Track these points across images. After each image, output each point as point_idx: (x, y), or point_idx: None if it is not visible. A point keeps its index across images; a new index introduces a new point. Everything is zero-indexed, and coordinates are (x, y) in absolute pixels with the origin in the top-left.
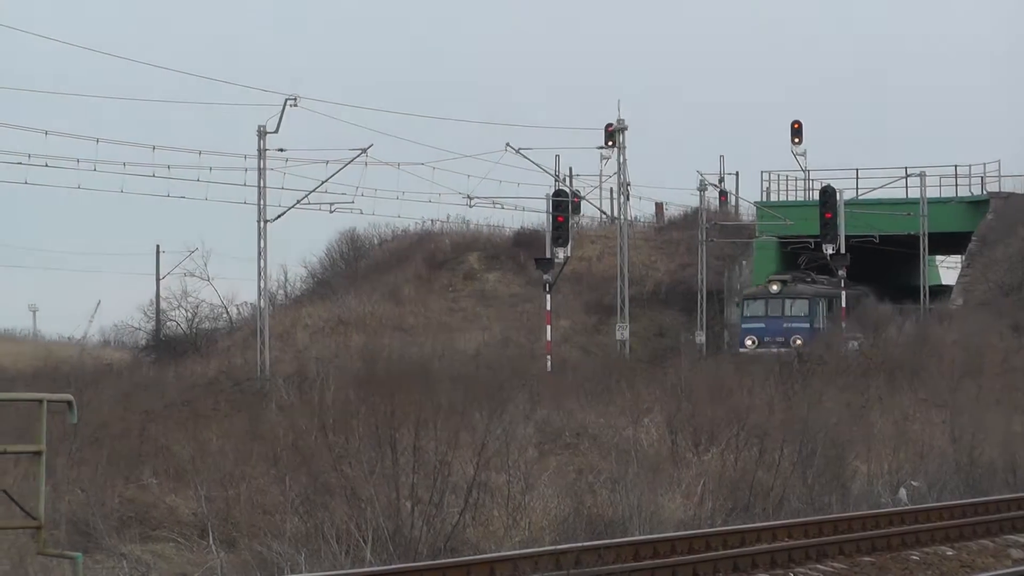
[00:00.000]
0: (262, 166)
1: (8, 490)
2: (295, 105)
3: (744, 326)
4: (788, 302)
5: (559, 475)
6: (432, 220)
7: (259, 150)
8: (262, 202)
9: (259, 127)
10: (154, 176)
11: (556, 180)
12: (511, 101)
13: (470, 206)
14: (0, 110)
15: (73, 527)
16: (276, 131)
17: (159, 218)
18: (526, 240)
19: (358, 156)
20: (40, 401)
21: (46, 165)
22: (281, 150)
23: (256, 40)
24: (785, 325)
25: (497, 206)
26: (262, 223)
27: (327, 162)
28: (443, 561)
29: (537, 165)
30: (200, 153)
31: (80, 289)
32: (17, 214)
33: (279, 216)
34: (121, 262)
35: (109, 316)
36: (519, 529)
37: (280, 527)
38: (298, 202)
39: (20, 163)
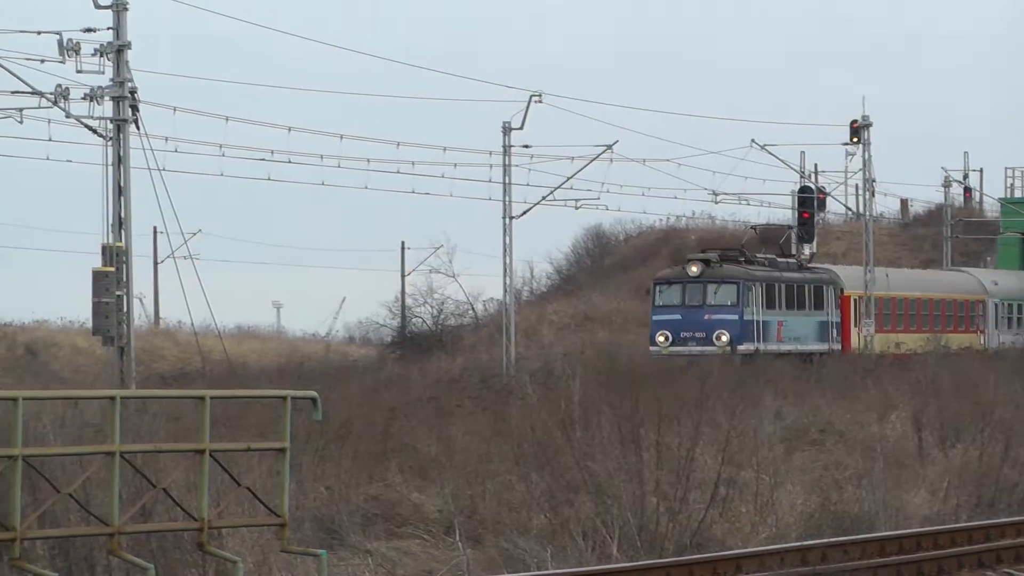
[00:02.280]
0: (507, 163)
1: (252, 487)
2: (540, 101)
3: (655, 318)
4: (711, 288)
5: (805, 471)
6: (677, 216)
7: (504, 147)
8: (507, 199)
9: (504, 123)
10: (398, 172)
11: (801, 176)
12: (755, 97)
13: (715, 202)
14: (245, 107)
15: (318, 524)
16: (521, 127)
17: (403, 214)
18: (771, 236)
19: (603, 152)
20: (284, 398)
21: (289, 161)
22: (526, 146)
23: (500, 36)
24: (707, 317)
25: (742, 202)
26: (507, 220)
27: (572, 158)
28: (689, 557)
29: (782, 161)
30: (444, 150)
31: (324, 286)
32: (261, 211)
33: (524, 213)
34: (365, 259)
35: (353, 313)
36: (766, 526)
37: (526, 523)
38: (543, 199)
39: (264, 159)
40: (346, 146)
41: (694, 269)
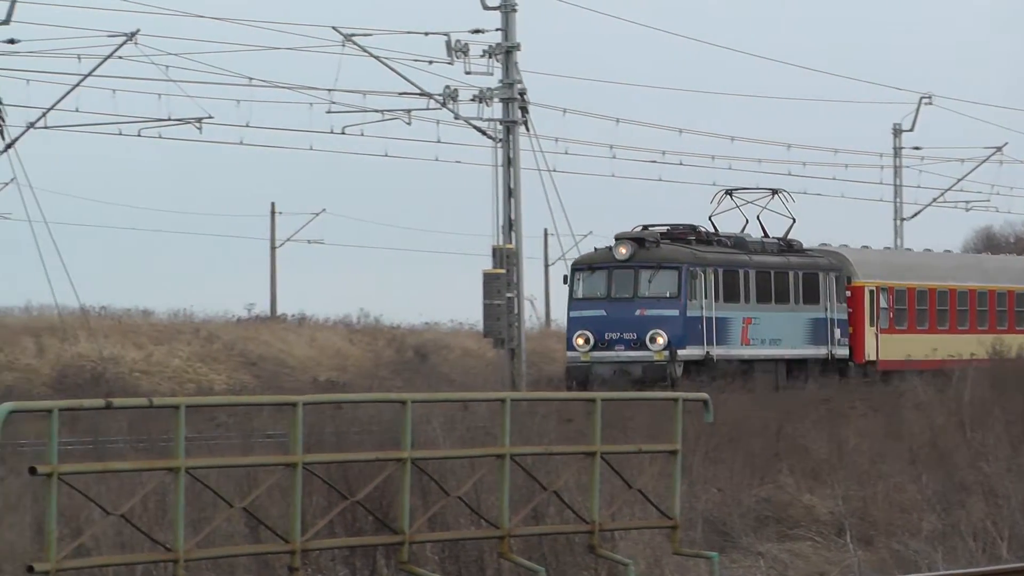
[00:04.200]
0: (897, 164)
1: (643, 490)
2: (929, 103)
3: (572, 315)
4: (644, 275)
5: None
6: None
7: (894, 148)
8: (898, 200)
9: (894, 125)
10: (789, 175)
11: None
12: None
13: None
14: (635, 108)
15: (709, 526)
16: (911, 129)
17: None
18: None
19: (993, 154)
20: (675, 400)
21: (681, 163)
22: (916, 148)
23: (890, 38)
24: (638, 312)
25: None
26: (898, 221)
27: (962, 160)
28: None
29: None
30: (835, 151)
31: None
32: (651, 212)
33: (915, 214)
34: None
35: None
36: None
37: (916, 525)
38: (934, 200)
39: (654, 161)
40: (737, 147)
41: (622, 251)
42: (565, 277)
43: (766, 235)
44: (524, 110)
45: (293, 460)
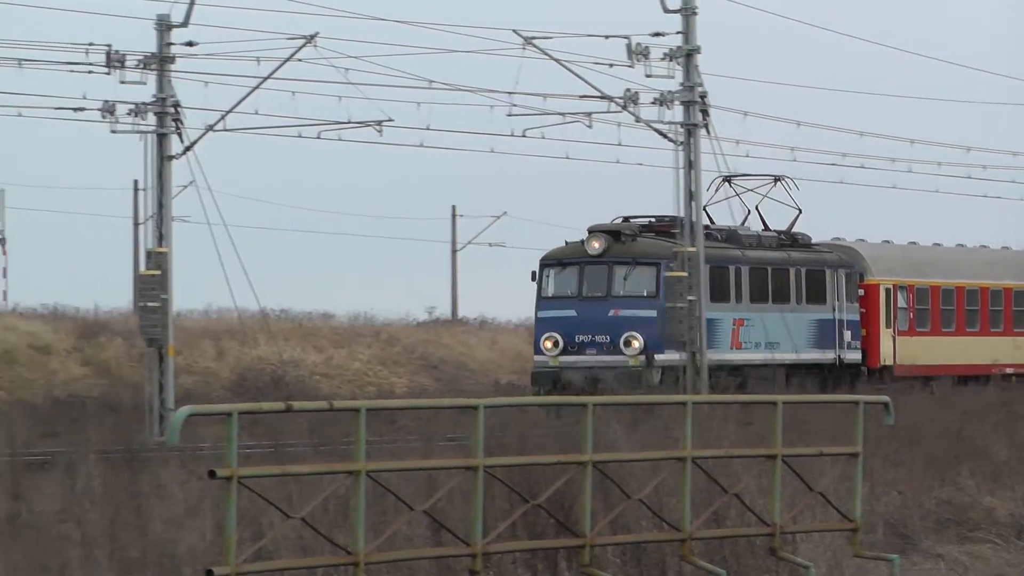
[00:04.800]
0: None
1: (825, 492)
2: None
3: (540, 315)
4: (619, 271)
5: None
6: None
7: None
8: None
9: None
10: (969, 178)
11: None
12: None
13: None
14: (816, 110)
15: (890, 529)
16: None
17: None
18: None
19: None
20: (856, 403)
21: (862, 166)
22: None
23: None
24: (612, 313)
25: None
26: None
27: None
28: None
29: None
30: (1014, 154)
31: None
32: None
33: None
34: None
35: None
36: None
37: None
38: None
39: (834, 164)
40: (917, 150)
41: (595, 245)
42: (533, 273)
43: (766, 227)
44: (704, 113)
45: (474, 463)
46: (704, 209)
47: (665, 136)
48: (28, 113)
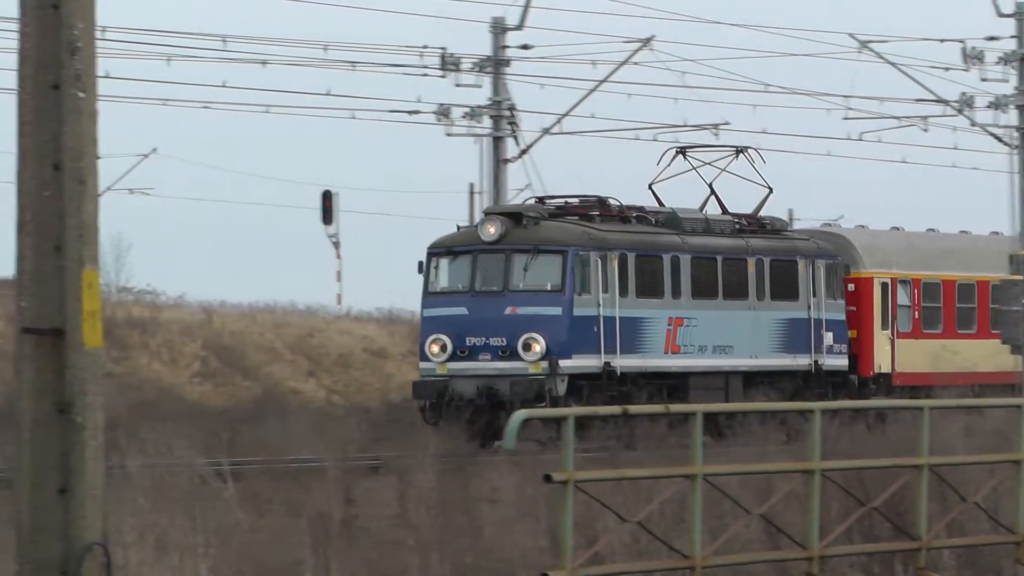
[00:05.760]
0: None
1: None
2: None
3: (426, 313)
4: (518, 261)
5: None
6: None
7: None
8: None
9: None
10: None
11: None
12: None
13: None
14: None
15: None
16: None
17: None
18: None
19: None
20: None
21: None
22: None
23: None
24: (510, 310)
25: None
26: None
27: None
28: None
29: None
30: None
31: None
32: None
33: None
34: None
35: None
36: None
37: None
38: None
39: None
40: None
41: (491, 230)
42: (420, 264)
43: (724, 210)
44: None
45: (810, 467)
46: (650, 187)
47: (1001, 140)
48: (361, 116)
